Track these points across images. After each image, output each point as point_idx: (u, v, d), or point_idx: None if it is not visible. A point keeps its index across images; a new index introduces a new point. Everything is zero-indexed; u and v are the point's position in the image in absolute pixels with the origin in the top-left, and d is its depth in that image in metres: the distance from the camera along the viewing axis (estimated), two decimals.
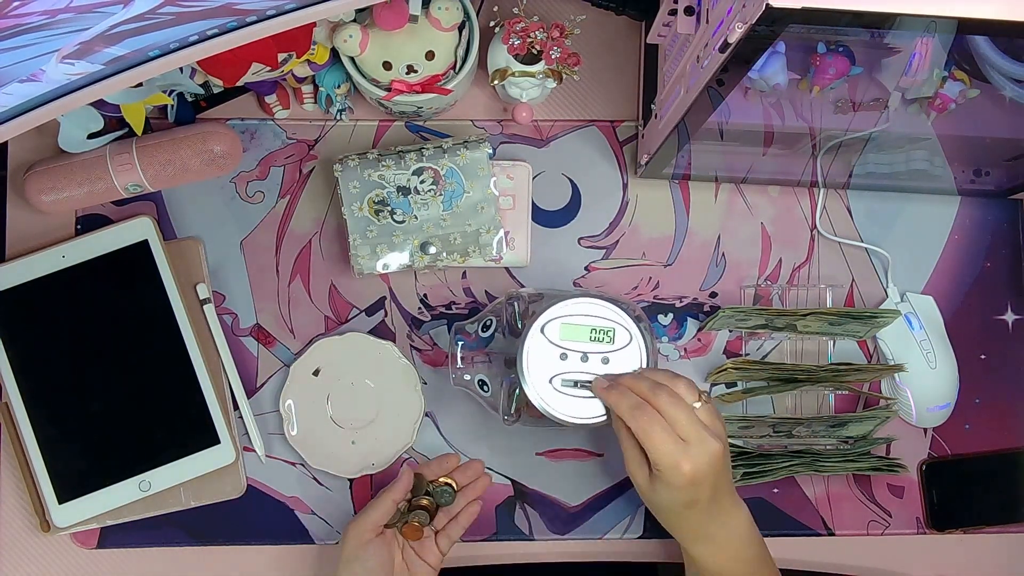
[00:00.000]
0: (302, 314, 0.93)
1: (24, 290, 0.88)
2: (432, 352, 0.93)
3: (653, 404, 0.73)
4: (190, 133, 0.88)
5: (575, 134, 0.95)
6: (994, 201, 0.97)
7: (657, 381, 0.75)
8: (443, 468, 0.86)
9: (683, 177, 0.94)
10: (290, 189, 0.94)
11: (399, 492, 0.82)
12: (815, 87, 0.76)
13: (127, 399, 0.88)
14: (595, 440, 0.92)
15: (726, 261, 0.95)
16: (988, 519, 0.93)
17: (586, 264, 0.94)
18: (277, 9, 0.60)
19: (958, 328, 0.95)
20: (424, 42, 0.84)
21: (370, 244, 0.89)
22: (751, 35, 0.58)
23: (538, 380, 0.79)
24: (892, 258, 0.94)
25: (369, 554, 0.81)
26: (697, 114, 0.74)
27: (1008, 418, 0.95)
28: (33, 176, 0.88)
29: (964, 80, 0.77)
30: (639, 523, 0.92)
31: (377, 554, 0.82)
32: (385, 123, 0.95)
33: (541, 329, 0.79)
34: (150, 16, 0.59)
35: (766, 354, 0.94)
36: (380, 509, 0.82)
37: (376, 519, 0.82)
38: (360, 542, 0.82)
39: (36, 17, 0.58)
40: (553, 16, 0.91)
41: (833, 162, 0.91)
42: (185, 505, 0.89)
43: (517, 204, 0.93)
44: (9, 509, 0.89)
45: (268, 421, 0.91)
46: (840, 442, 0.93)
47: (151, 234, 0.89)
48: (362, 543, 0.81)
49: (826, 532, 0.92)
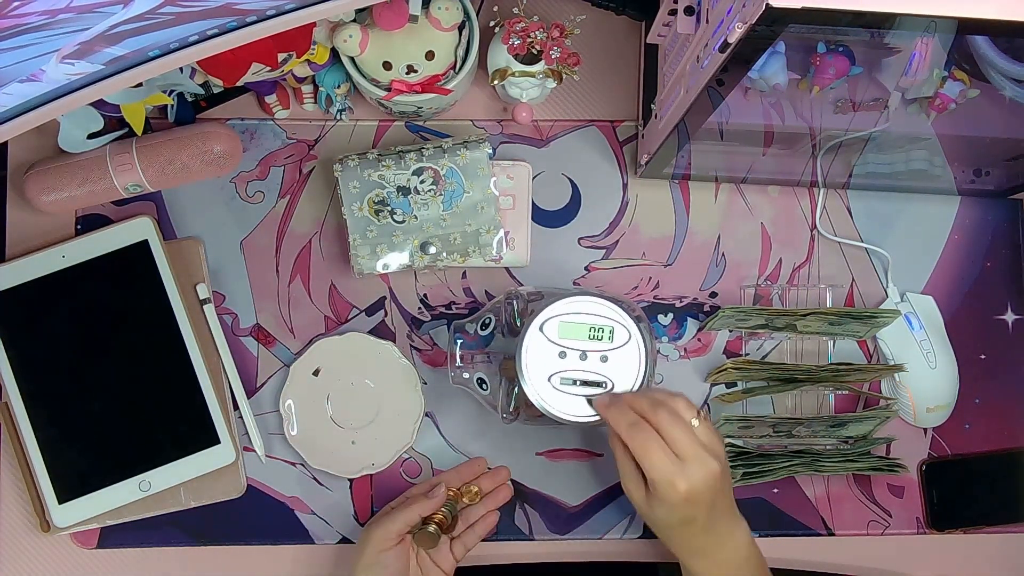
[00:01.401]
0: (302, 314, 0.93)
1: (24, 290, 0.88)
2: (432, 352, 0.93)
3: (651, 422, 0.74)
4: (190, 133, 0.88)
5: (575, 134, 0.95)
6: (994, 201, 0.97)
7: (657, 399, 0.75)
8: (471, 472, 0.87)
9: (683, 177, 0.94)
10: (290, 189, 0.94)
11: (429, 508, 0.83)
12: (815, 87, 0.76)
13: (127, 399, 0.88)
14: (595, 440, 0.92)
15: (726, 261, 0.95)
16: (988, 519, 0.93)
17: (586, 264, 0.94)
18: (277, 9, 0.60)
19: (958, 328, 0.95)
20: (424, 42, 0.84)
21: (370, 244, 0.90)
22: (751, 35, 0.58)
23: (537, 378, 0.79)
24: (892, 258, 0.94)
25: (389, 561, 0.82)
26: (697, 114, 0.74)
27: (1008, 418, 0.95)
28: (33, 176, 0.88)
29: (964, 80, 0.77)
30: (639, 523, 0.92)
31: (396, 561, 0.82)
32: (385, 123, 0.95)
33: (540, 327, 0.79)
34: (150, 16, 0.59)
35: (766, 354, 0.94)
36: (405, 520, 0.82)
37: (400, 529, 0.82)
38: (382, 548, 0.82)
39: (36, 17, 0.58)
40: (553, 16, 0.91)
41: (833, 162, 0.91)
42: (185, 505, 0.89)
43: (517, 204, 0.93)
44: (9, 509, 0.89)
45: (268, 421, 0.91)
46: (840, 442, 0.93)
47: (151, 234, 0.89)
48: (383, 549, 0.82)
49: (826, 532, 0.92)
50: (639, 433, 0.73)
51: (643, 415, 0.74)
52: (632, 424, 0.74)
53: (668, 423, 0.73)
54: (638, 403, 0.75)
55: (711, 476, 0.73)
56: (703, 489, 0.73)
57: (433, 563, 0.85)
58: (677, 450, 0.73)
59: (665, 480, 0.72)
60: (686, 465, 0.72)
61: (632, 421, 0.74)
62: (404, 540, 0.83)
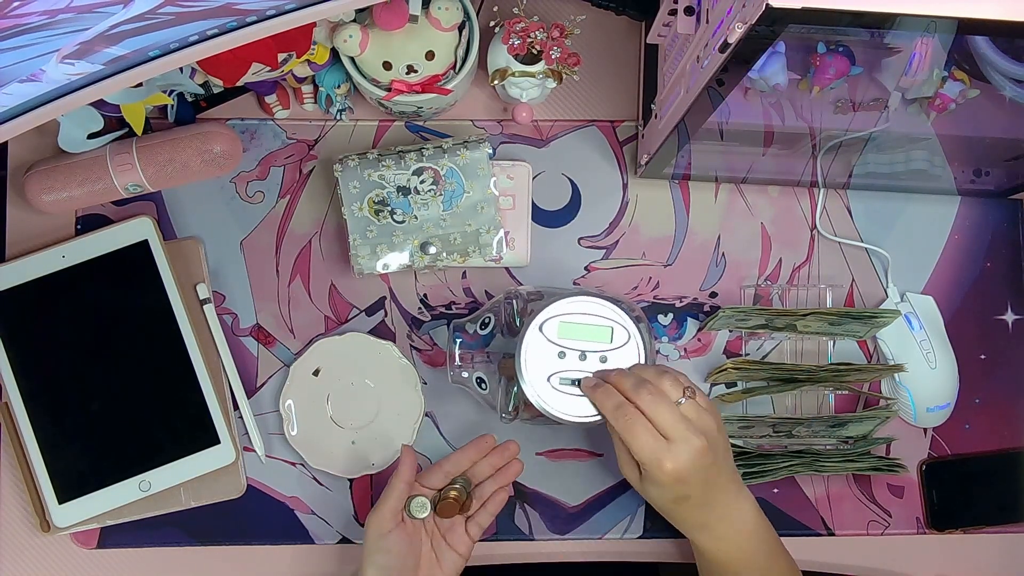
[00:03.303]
0: (302, 314, 0.93)
1: (24, 290, 0.88)
2: (432, 352, 0.93)
3: (635, 402, 0.74)
4: (190, 133, 0.88)
5: (575, 134, 0.95)
6: (994, 201, 0.97)
7: (643, 377, 0.75)
8: (479, 451, 0.85)
9: (683, 177, 0.94)
10: (290, 189, 0.94)
11: (407, 471, 0.81)
12: (815, 87, 0.76)
13: (127, 399, 0.88)
14: (595, 440, 0.92)
15: (726, 261, 0.95)
16: (988, 519, 0.93)
17: (586, 264, 0.94)
18: (277, 9, 0.60)
19: (958, 328, 0.95)
20: (424, 42, 0.84)
21: (370, 244, 0.90)
22: (751, 35, 0.58)
23: (536, 378, 0.79)
24: (892, 258, 0.94)
25: (391, 544, 0.80)
26: (697, 114, 0.74)
27: (1008, 418, 0.95)
28: (33, 176, 0.88)
29: (964, 80, 0.77)
30: (639, 523, 0.92)
31: (399, 543, 0.80)
32: (385, 123, 0.95)
33: (539, 327, 0.79)
34: (150, 16, 0.59)
35: (766, 354, 0.94)
36: (393, 495, 0.81)
37: (392, 505, 0.80)
38: (380, 532, 0.80)
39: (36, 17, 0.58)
40: (553, 16, 0.91)
41: (833, 162, 0.91)
42: (185, 505, 0.89)
43: (517, 204, 0.93)
44: (9, 509, 0.89)
45: (268, 421, 0.91)
46: (840, 442, 0.93)
47: (151, 234, 0.89)
48: (383, 533, 0.80)
49: (826, 532, 0.92)
50: (623, 415, 0.73)
51: (627, 395, 0.74)
52: (617, 407, 0.74)
53: (650, 403, 0.73)
54: (622, 383, 0.75)
55: (696, 453, 0.73)
56: (690, 467, 0.73)
57: (448, 546, 0.83)
58: (661, 430, 0.73)
59: (651, 461, 0.73)
60: (672, 444, 0.72)
61: (617, 404, 0.74)
62: (406, 523, 0.81)
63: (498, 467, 0.86)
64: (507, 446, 0.87)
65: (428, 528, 0.84)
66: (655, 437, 0.73)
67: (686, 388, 0.75)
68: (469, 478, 0.85)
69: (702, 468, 0.73)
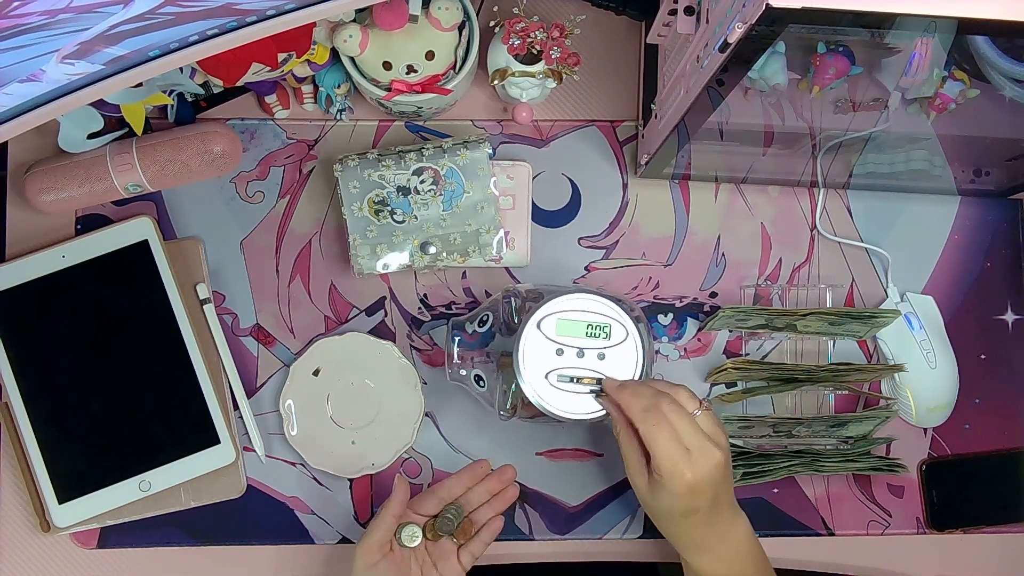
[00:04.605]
0: (302, 314, 0.93)
1: (24, 290, 0.88)
2: (432, 352, 0.93)
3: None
4: (190, 133, 0.88)
5: (575, 134, 0.95)
6: (994, 201, 0.97)
7: (659, 389, 0.75)
8: (473, 477, 0.85)
9: (683, 177, 0.94)
10: (290, 189, 0.94)
11: (397, 505, 0.80)
12: (815, 87, 0.76)
13: (127, 399, 0.88)
14: (595, 440, 0.92)
15: (726, 261, 0.95)
16: (988, 519, 0.93)
17: (586, 264, 0.94)
18: (277, 9, 0.60)
19: (958, 328, 0.95)
20: (424, 42, 0.84)
21: (370, 244, 0.90)
22: (751, 35, 0.58)
23: (534, 375, 0.79)
24: (892, 258, 0.94)
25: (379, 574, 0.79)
26: (697, 114, 0.74)
27: (1008, 418, 0.95)
28: (33, 176, 0.88)
29: (964, 80, 0.77)
30: (639, 523, 0.92)
31: (387, 573, 0.79)
32: (385, 123, 0.95)
33: (537, 324, 0.79)
34: (150, 16, 0.59)
35: (766, 354, 0.94)
36: (382, 527, 0.80)
37: (380, 538, 0.80)
38: (368, 564, 0.79)
39: (36, 17, 0.58)
40: (553, 16, 0.91)
41: (833, 162, 0.91)
42: (185, 505, 0.89)
43: (517, 204, 0.93)
44: (9, 509, 0.89)
45: (268, 421, 0.91)
46: (840, 442, 0.93)
47: (151, 234, 0.89)
48: (370, 565, 0.79)
49: (826, 532, 0.92)
50: (651, 417, 0.72)
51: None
52: (645, 409, 0.73)
53: (672, 412, 0.73)
54: (641, 390, 0.75)
55: (716, 466, 0.72)
56: (708, 480, 0.72)
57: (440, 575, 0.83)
58: (683, 440, 0.72)
59: (672, 469, 0.72)
60: (692, 455, 0.72)
61: (645, 406, 0.73)
62: (395, 552, 0.81)
63: (494, 492, 0.86)
64: (503, 471, 0.86)
65: (419, 556, 0.83)
66: (680, 445, 0.72)
67: (701, 401, 0.75)
68: (462, 505, 0.84)
69: (716, 483, 0.73)
